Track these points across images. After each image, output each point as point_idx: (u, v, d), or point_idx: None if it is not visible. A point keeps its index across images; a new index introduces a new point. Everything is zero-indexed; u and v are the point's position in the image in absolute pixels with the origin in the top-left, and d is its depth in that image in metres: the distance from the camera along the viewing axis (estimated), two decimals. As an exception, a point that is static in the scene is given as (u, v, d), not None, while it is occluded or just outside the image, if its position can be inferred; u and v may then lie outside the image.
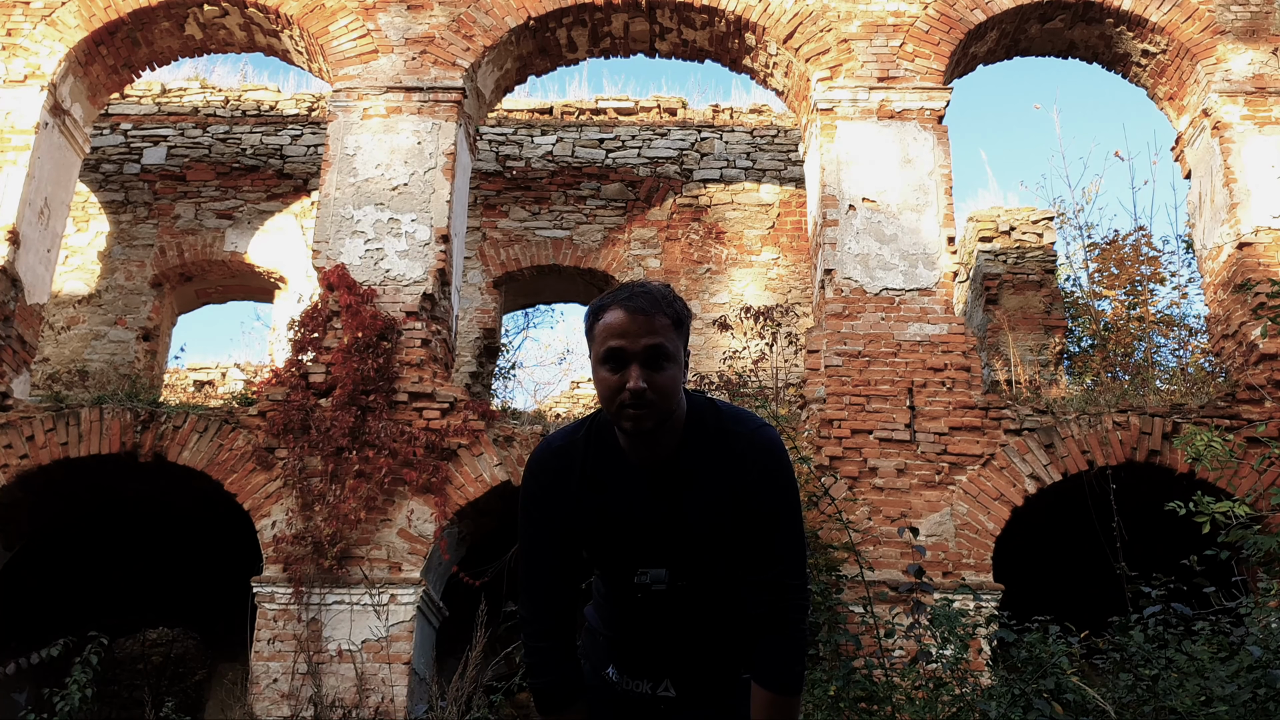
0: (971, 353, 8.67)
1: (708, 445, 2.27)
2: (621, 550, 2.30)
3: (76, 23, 9.56)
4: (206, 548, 10.24)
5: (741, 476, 2.24)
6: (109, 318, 12.00)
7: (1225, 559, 5.65)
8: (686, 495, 2.25)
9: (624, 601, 2.36)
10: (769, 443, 2.29)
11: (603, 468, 2.30)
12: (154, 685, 11.63)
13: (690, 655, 2.38)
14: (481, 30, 9.55)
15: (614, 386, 2.16)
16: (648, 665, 2.40)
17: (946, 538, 8.12)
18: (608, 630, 2.46)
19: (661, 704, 2.39)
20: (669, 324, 2.17)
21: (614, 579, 2.36)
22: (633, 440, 2.24)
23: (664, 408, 2.17)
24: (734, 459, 2.25)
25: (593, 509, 2.30)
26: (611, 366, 2.16)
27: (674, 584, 2.25)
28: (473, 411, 8.52)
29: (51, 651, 6.72)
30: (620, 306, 2.16)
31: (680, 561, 2.26)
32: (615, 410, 2.18)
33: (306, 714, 7.70)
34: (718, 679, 2.39)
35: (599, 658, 2.46)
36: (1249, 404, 8.45)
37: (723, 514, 2.25)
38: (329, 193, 9.19)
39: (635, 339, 2.14)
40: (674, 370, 2.18)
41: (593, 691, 2.44)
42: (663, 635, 2.37)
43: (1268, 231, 8.98)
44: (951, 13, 9.53)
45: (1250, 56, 9.46)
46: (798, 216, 12.40)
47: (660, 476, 2.26)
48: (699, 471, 2.25)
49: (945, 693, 5.10)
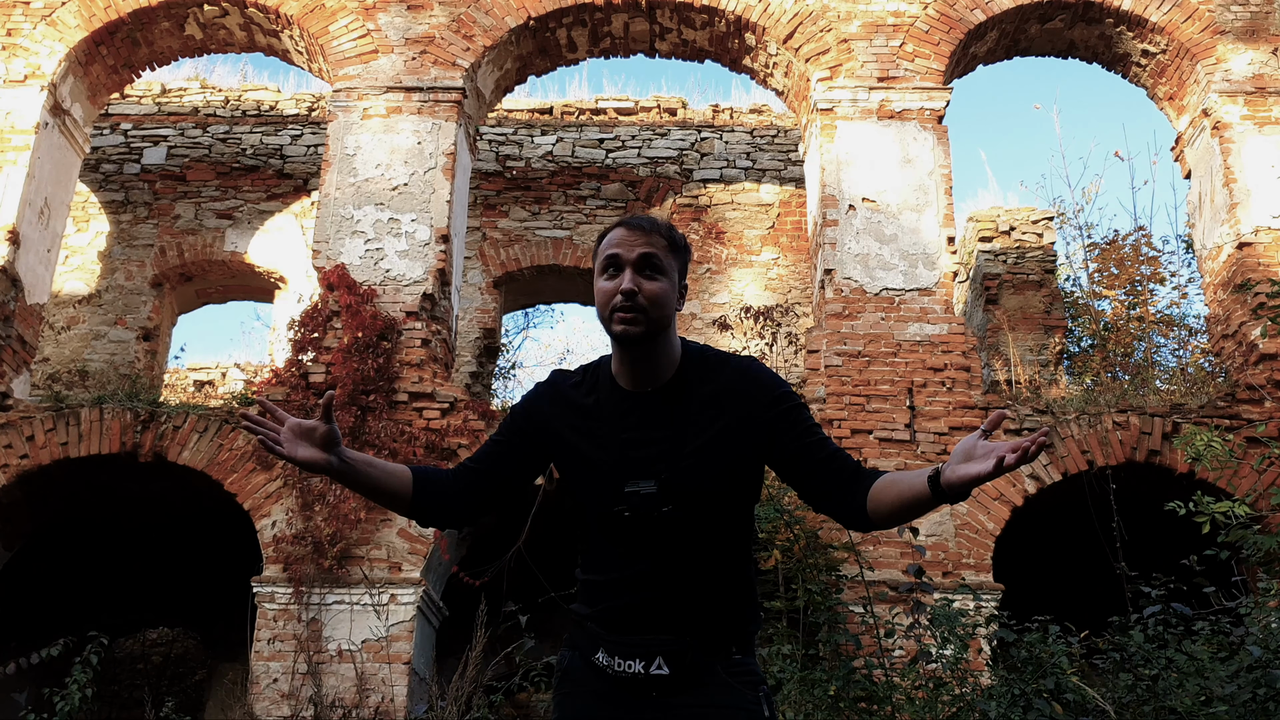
0: (971, 353, 8.67)
1: (705, 371, 2.38)
2: (611, 468, 2.34)
3: (76, 23, 9.56)
4: (206, 548, 10.24)
5: (745, 403, 2.34)
6: (109, 318, 12.00)
7: (1225, 559, 5.65)
8: (683, 415, 2.34)
9: (612, 531, 2.34)
10: (765, 369, 2.43)
11: (600, 392, 2.40)
12: (154, 685, 11.63)
13: (682, 614, 2.32)
14: (481, 30, 9.55)
15: (609, 292, 2.31)
16: (638, 634, 2.33)
17: (946, 538, 8.13)
18: (597, 578, 2.40)
19: (655, 689, 2.32)
20: (664, 244, 2.34)
21: (602, 503, 2.34)
22: (625, 351, 2.33)
23: (654, 315, 2.30)
24: (732, 382, 2.36)
25: (584, 431, 2.38)
26: (609, 275, 2.33)
27: (664, 497, 2.29)
28: (473, 411, 8.52)
29: (51, 651, 6.72)
30: (622, 225, 2.36)
31: (672, 479, 2.31)
32: (608, 316, 2.31)
33: (306, 714, 7.70)
34: (713, 651, 2.33)
35: (587, 645, 2.39)
36: (1249, 404, 8.45)
37: (724, 438, 2.32)
38: (329, 193, 9.19)
39: (630, 248, 2.31)
40: (665, 283, 2.32)
41: (582, 688, 2.39)
42: (653, 581, 2.32)
43: (1267, 231, 8.98)
44: (951, 13, 9.53)
45: (1250, 56, 9.46)
46: (798, 216, 12.40)
47: (657, 399, 2.36)
48: (697, 395, 2.35)
49: (945, 693, 5.10)
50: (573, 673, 2.42)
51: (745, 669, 2.36)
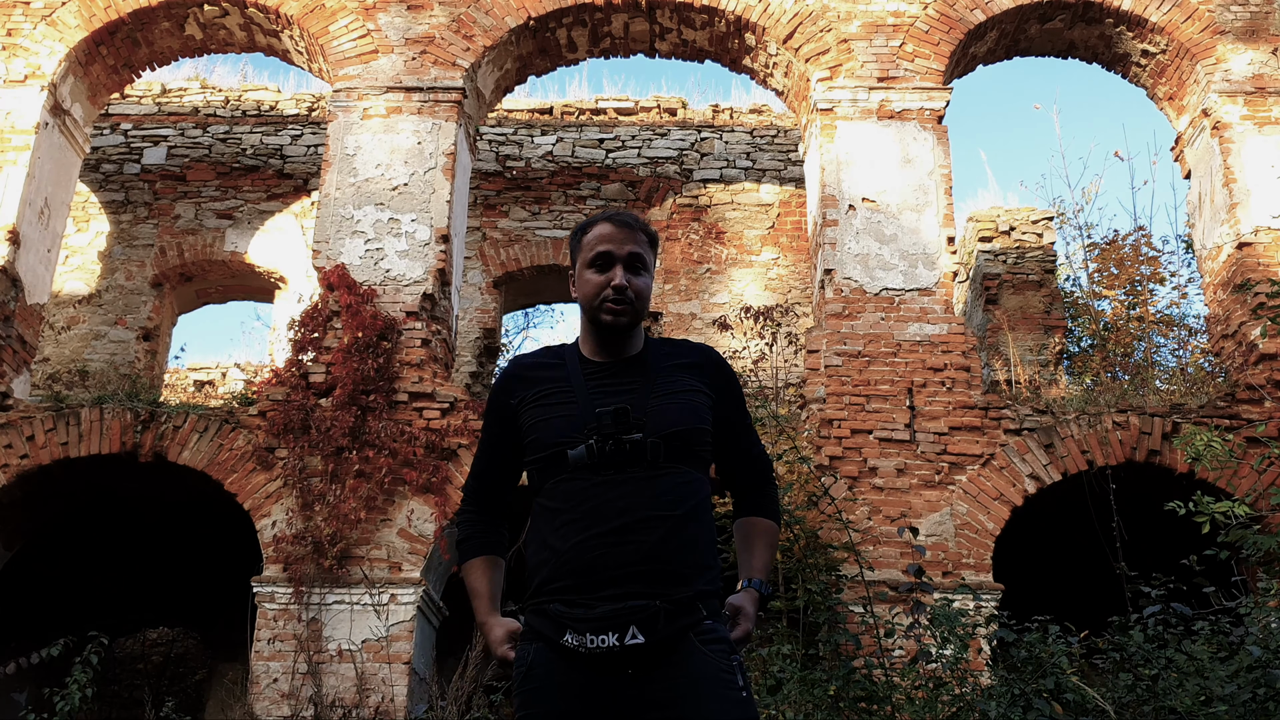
0: (971, 353, 8.67)
1: (668, 347, 2.62)
2: (580, 409, 2.44)
3: (77, 23, 9.56)
4: (206, 548, 10.24)
5: (705, 375, 2.57)
6: (109, 318, 12.00)
7: (1225, 559, 5.65)
8: (650, 372, 2.53)
9: (579, 471, 2.39)
10: (719, 355, 2.67)
11: (568, 362, 2.57)
12: (154, 685, 11.64)
13: (650, 564, 2.31)
14: (481, 30, 9.55)
15: (599, 284, 2.51)
16: (607, 597, 2.29)
17: (946, 538, 8.13)
18: (559, 544, 2.38)
19: (630, 663, 2.28)
20: (646, 241, 2.57)
21: (570, 439, 2.41)
22: (605, 335, 2.53)
23: (639, 308, 2.52)
24: (694, 358, 2.59)
25: (550, 391, 2.52)
26: (598, 268, 2.52)
27: (632, 423, 2.39)
28: (473, 411, 8.52)
29: (51, 651, 6.72)
30: (608, 221, 2.56)
31: (640, 411, 2.43)
32: (597, 305, 2.51)
33: (306, 714, 7.70)
34: (682, 611, 2.32)
35: (552, 630, 2.34)
36: (1249, 404, 8.45)
37: (688, 392, 2.51)
38: (329, 193, 9.19)
39: (621, 245, 2.52)
40: (648, 279, 2.57)
41: (548, 682, 2.33)
42: (619, 529, 2.33)
43: (1267, 231, 8.98)
44: (951, 13, 9.53)
45: (1250, 56, 9.46)
46: (798, 216, 12.40)
47: (625, 364, 2.55)
48: (663, 363, 2.56)
49: (945, 692, 5.10)
50: (536, 669, 2.36)
51: (716, 635, 2.37)
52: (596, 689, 2.30)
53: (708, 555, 2.44)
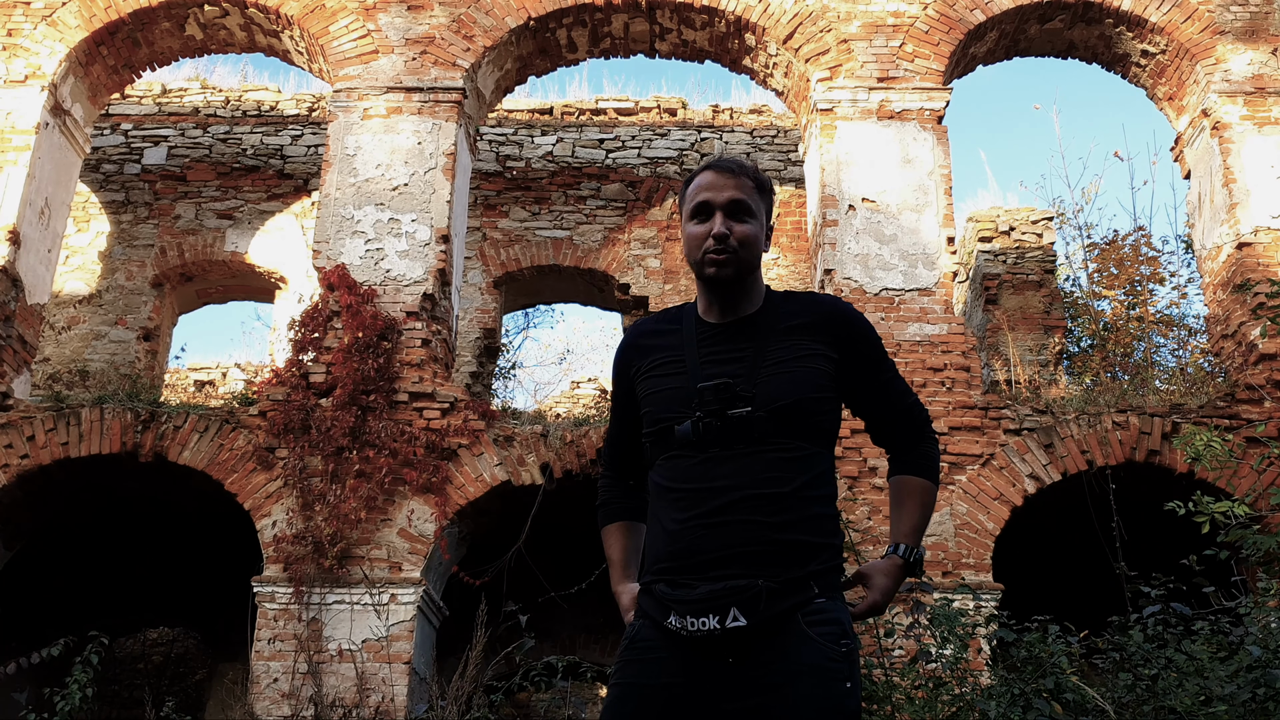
0: (971, 353, 8.68)
1: (791, 304, 2.45)
2: (689, 379, 2.35)
3: (77, 23, 9.56)
4: (207, 548, 10.24)
5: (826, 333, 2.40)
6: (109, 318, 12.00)
7: (1225, 559, 5.65)
8: (766, 336, 2.39)
9: (688, 444, 2.30)
10: (851, 307, 2.49)
11: (685, 326, 2.45)
12: (154, 685, 11.63)
13: (758, 543, 2.23)
14: (482, 30, 9.55)
15: (700, 235, 2.38)
16: (710, 577, 2.23)
17: (946, 537, 8.13)
18: (668, 522, 2.32)
19: (731, 649, 2.21)
20: (752, 186, 2.41)
21: (678, 413, 2.32)
22: (714, 290, 2.40)
23: (744, 257, 2.37)
24: (814, 315, 2.42)
25: (664, 359, 2.42)
26: (699, 219, 2.39)
27: (740, 397, 2.28)
28: (473, 411, 8.53)
29: (52, 651, 6.72)
30: (709, 168, 2.43)
31: (750, 383, 2.31)
32: (700, 258, 2.38)
33: (307, 714, 7.71)
34: (791, 590, 2.22)
35: (657, 611, 2.29)
36: (1248, 404, 8.46)
37: (805, 358, 2.37)
38: (329, 193, 9.20)
39: (719, 191, 2.38)
40: (755, 226, 2.40)
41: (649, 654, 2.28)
42: (726, 506, 2.25)
43: (1267, 231, 8.99)
44: (951, 13, 9.53)
45: (1250, 57, 9.46)
46: (798, 216, 12.40)
47: (741, 325, 2.41)
48: (781, 323, 2.40)
49: (945, 692, 5.10)
50: (639, 640, 2.33)
51: (827, 616, 2.25)
52: (699, 670, 2.25)
53: (823, 533, 2.32)
